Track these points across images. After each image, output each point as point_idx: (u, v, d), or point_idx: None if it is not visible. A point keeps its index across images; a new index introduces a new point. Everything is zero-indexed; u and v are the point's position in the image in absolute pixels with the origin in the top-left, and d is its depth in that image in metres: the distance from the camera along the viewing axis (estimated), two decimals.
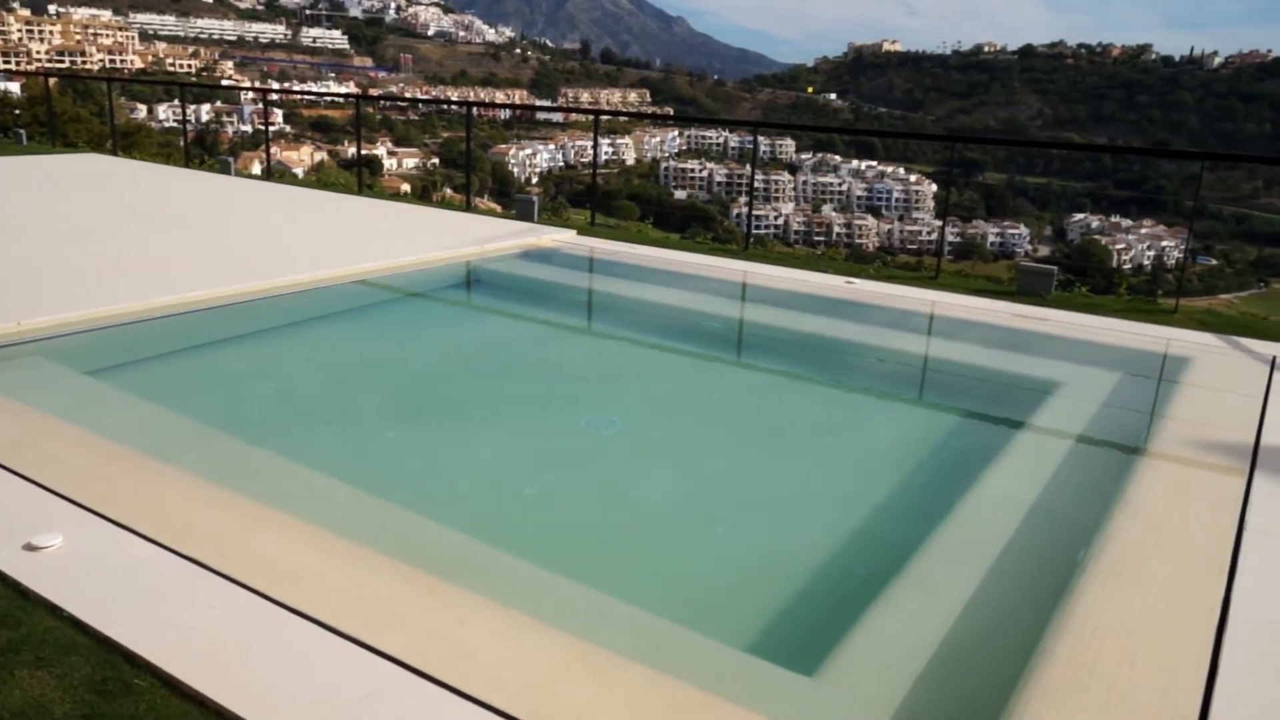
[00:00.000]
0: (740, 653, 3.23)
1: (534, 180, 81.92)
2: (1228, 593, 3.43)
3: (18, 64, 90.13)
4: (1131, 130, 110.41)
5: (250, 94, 73.16)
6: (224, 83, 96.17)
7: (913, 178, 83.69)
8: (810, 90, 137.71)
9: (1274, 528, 3.97)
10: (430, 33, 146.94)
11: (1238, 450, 4.87)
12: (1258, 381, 6.12)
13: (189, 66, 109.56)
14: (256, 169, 22.01)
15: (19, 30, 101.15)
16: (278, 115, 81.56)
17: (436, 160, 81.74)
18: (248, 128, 75.51)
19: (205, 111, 78.03)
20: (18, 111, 21.95)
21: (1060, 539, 4.12)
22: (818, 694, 2.97)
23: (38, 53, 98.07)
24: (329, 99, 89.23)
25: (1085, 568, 3.61)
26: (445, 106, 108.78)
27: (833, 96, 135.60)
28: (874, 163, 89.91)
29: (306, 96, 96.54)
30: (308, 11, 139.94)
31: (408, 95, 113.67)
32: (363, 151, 29.38)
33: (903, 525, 4.39)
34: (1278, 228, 77.71)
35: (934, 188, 79.46)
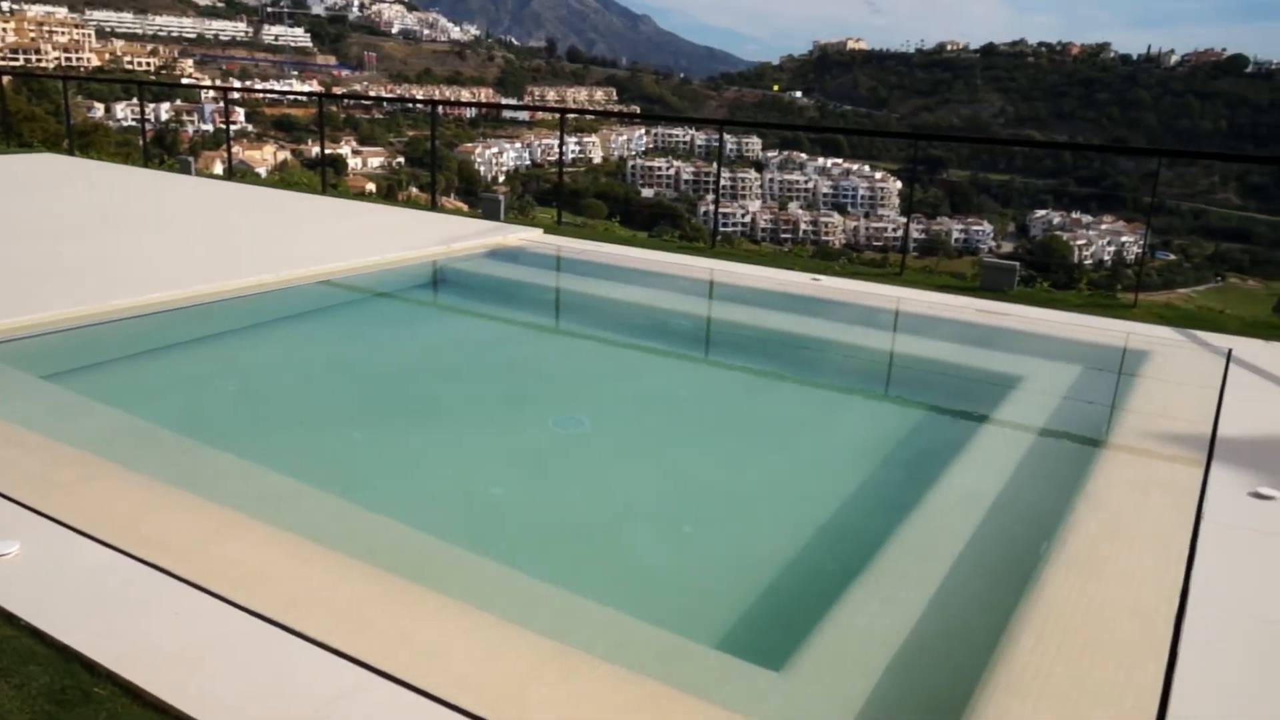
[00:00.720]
0: (709, 649, 3.24)
1: (501, 179, 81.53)
2: (1186, 582, 3.50)
3: None
4: (1091, 128, 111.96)
5: (211, 92, 72.13)
6: (184, 81, 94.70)
7: (878, 175, 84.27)
8: (776, 88, 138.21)
9: (1230, 518, 4.05)
10: (394, 30, 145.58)
11: (1195, 442, 4.96)
12: (1214, 374, 6.24)
13: (147, 64, 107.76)
14: (218, 169, 21.71)
15: None
16: (239, 114, 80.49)
17: (402, 159, 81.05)
18: (209, 127, 74.50)
19: (165, 110, 76.87)
20: None
21: (1024, 531, 4.18)
22: (786, 689, 2.99)
23: None
24: (292, 97, 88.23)
25: (1048, 559, 3.67)
26: (410, 105, 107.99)
27: (798, 94, 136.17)
28: (839, 160, 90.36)
29: (269, 95, 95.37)
30: (269, 9, 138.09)
31: (372, 94, 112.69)
32: (327, 151, 29.11)
33: (870, 519, 4.43)
34: (1233, 223, 79.23)
35: (899, 185, 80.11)
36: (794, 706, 2.94)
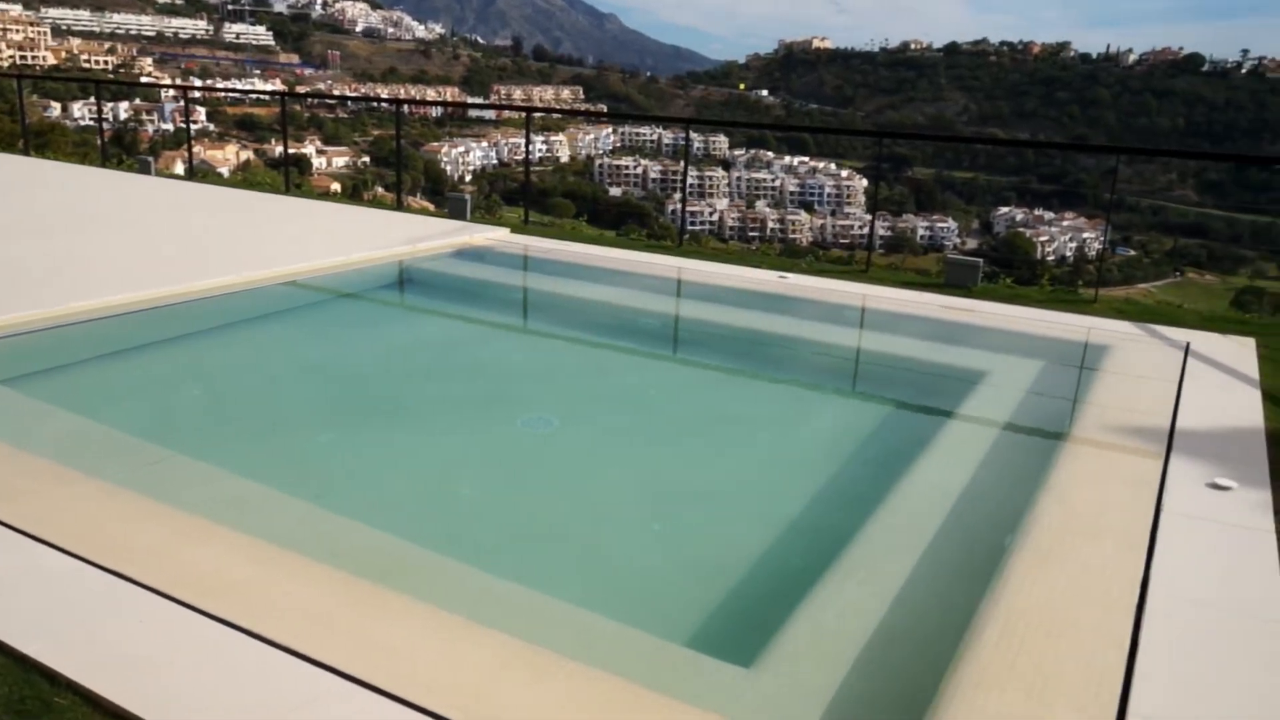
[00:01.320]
0: (679, 647, 3.25)
1: (468, 178, 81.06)
2: (1146, 572, 3.56)
3: None
4: (1052, 126, 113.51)
5: (171, 91, 71.05)
6: (143, 80, 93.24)
7: (844, 173, 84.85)
8: (742, 87, 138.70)
9: (1189, 509, 4.12)
10: (358, 29, 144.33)
11: (1154, 434, 5.05)
12: (1173, 367, 6.35)
13: (105, 63, 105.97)
14: (179, 169, 21.38)
15: None
16: (200, 113, 79.38)
17: (367, 159, 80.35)
18: (169, 126, 73.30)
19: (123, 110, 75.60)
20: None
21: (989, 525, 4.23)
22: (756, 685, 3.00)
23: None
24: (254, 96, 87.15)
25: (1012, 551, 3.72)
26: (375, 104, 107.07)
27: (764, 93, 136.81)
28: (806, 158, 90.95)
29: (230, 94, 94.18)
30: (230, 6, 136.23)
31: (336, 93, 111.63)
32: (290, 150, 28.77)
33: (838, 515, 4.46)
34: (1191, 219, 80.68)
35: (865, 183, 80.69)
36: (764, 703, 2.96)
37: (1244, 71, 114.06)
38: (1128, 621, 3.23)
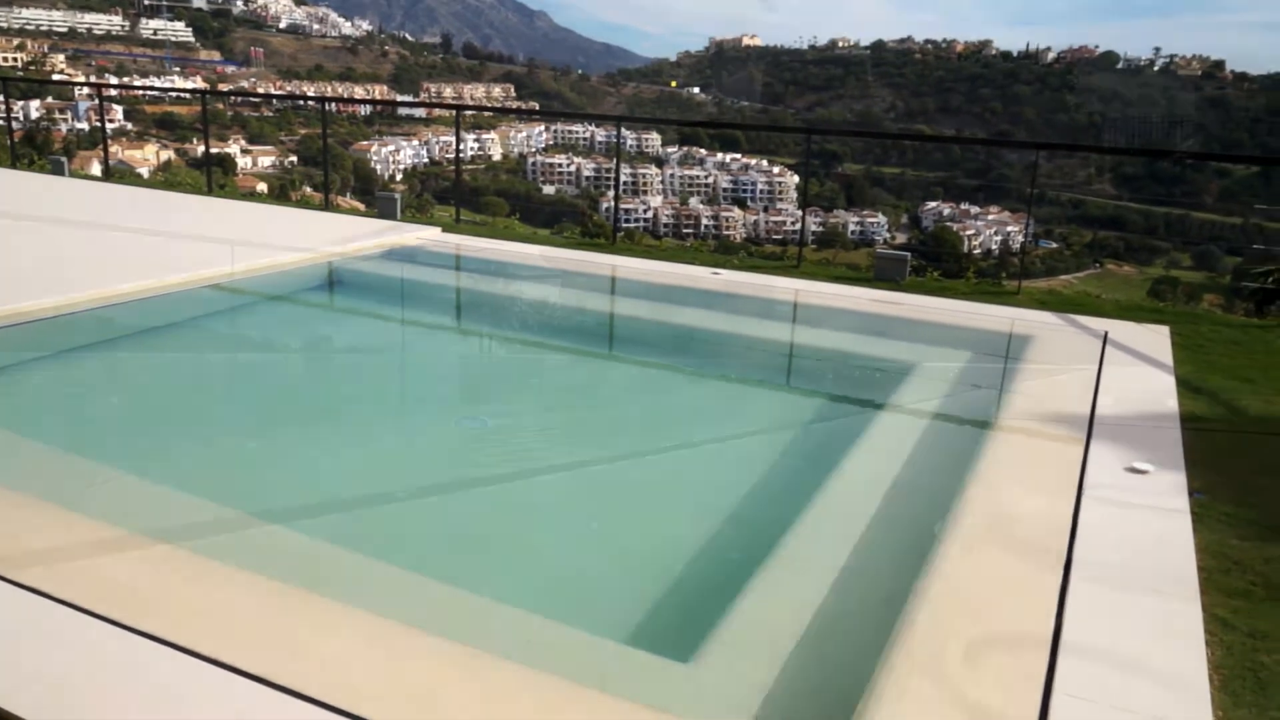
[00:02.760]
0: (618, 644, 3.25)
1: (398, 177, 79.88)
2: (1069, 554, 3.67)
3: None
4: (976, 122, 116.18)
5: (85, 89, 68.64)
6: (55, 77, 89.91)
7: (776, 169, 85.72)
8: (673, 84, 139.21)
9: (1108, 493, 4.26)
10: (281, 25, 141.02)
11: (1075, 421, 5.20)
12: (1092, 356, 6.56)
13: (13, 60, 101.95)
14: (96, 169, 20.64)
15: None
16: (117, 112, 76.83)
17: (294, 158, 78.66)
18: (84, 125, 70.83)
19: (34, 108, 72.88)
20: None
21: (919, 513, 4.31)
22: (694, 679, 3.02)
23: None
24: (174, 94, 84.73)
25: (943, 538, 3.80)
26: (301, 103, 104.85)
27: (696, 90, 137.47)
28: (738, 155, 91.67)
29: (149, 92, 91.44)
30: (146, 2, 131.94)
31: (260, 91, 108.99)
32: (213, 150, 28.03)
33: (773, 508, 4.51)
34: (1110, 212, 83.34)
35: (796, 179, 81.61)
36: (703, 696, 2.97)
37: (1156, 69, 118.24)
38: (1052, 602, 3.32)
